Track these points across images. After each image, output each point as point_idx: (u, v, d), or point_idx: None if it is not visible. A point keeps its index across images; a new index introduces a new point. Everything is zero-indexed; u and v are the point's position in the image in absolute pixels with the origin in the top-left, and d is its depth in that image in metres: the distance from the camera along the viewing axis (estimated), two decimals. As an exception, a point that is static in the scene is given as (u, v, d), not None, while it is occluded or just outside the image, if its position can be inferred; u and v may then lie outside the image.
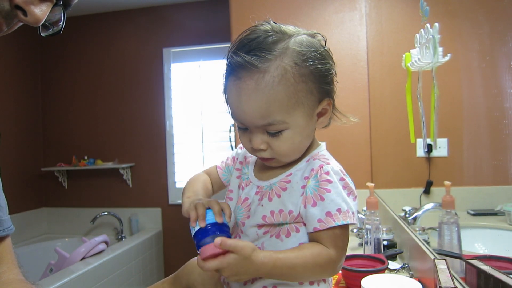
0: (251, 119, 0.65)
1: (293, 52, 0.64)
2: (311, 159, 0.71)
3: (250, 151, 0.72)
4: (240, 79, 0.64)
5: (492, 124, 1.17)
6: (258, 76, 0.62)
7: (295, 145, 0.68)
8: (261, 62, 0.62)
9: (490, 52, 1.16)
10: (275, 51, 0.63)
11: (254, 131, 0.67)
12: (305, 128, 0.68)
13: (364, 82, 2.03)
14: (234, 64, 0.64)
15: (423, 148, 1.32)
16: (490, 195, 1.18)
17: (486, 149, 1.21)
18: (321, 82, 0.67)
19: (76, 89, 3.59)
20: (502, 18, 1.08)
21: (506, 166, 1.09)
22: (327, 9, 2.12)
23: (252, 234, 0.71)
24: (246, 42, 0.65)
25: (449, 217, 0.99)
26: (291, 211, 0.67)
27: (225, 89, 0.69)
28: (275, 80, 0.62)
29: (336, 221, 0.63)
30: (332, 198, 0.64)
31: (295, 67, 0.63)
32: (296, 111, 0.65)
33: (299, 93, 0.64)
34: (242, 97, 0.64)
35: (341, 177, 0.67)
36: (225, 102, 0.70)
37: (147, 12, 3.44)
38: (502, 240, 1.12)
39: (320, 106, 0.69)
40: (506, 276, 0.68)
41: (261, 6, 2.11)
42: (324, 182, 0.66)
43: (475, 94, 1.26)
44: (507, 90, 1.06)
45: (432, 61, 1.11)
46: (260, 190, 0.73)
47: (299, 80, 0.64)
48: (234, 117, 0.69)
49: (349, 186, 0.68)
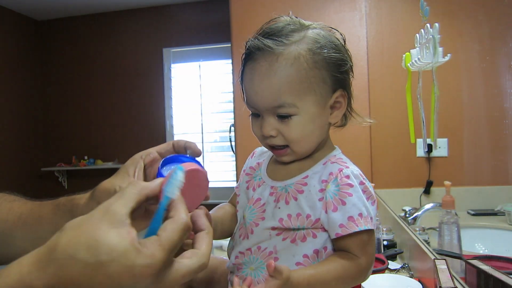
0: (262, 100, 0.66)
1: (309, 39, 0.66)
2: (329, 162, 0.69)
3: (261, 140, 0.70)
4: (255, 61, 0.66)
5: (492, 124, 1.17)
6: (272, 58, 0.64)
7: (306, 133, 0.67)
8: (276, 45, 0.64)
9: (490, 52, 1.16)
10: (292, 37, 0.66)
11: (265, 116, 0.67)
12: (316, 117, 0.67)
13: (364, 82, 2.03)
14: (251, 47, 0.66)
15: (423, 148, 1.32)
16: (490, 195, 1.18)
17: (486, 149, 1.21)
18: (334, 71, 0.68)
19: (76, 89, 3.59)
20: (502, 18, 1.08)
21: (506, 166, 1.10)
22: (327, 9, 2.12)
23: (264, 235, 0.69)
24: (266, 29, 0.68)
25: (449, 217, 0.99)
26: (309, 215, 0.66)
27: (241, 75, 0.70)
28: (288, 62, 0.64)
29: (359, 226, 0.62)
30: (354, 202, 0.63)
31: (309, 53, 0.65)
32: (307, 96, 0.66)
33: (311, 79, 0.65)
34: (255, 78, 0.66)
35: (361, 181, 0.65)
36: (241, 89, 0.71)
37: (147, 12, 3.44)
38: (502, 240, 1.12)
39: (333, 97, 0.69)
40: (506, 276, 0.68)
41: (261, 6, 2.11)
42: (345, 186, 0.64)
43: (475, 94, 1.26)
44: (507, 90, 1.07)
45: (432, 61, 1.11)
46: (275, 191, 0.71)
47: (312, 66, 0.65)
48: (248, 101, 0.69)
49: (369, 190, 0.66)
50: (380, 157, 1.96)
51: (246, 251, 0.70)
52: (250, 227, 0.71)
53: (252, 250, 0.69)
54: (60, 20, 3.60)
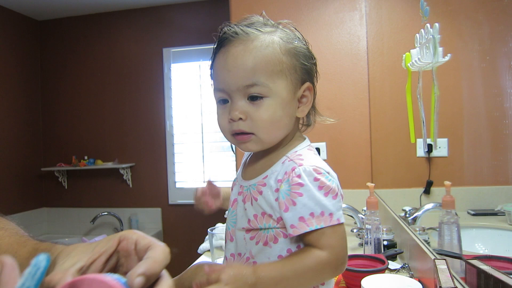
0: (235, 78, 0.66)
1: (281, 32, 0.70)
2: (286, 160, 0.68)
3: (227, 128, 0.69)
4: (230, 45, 0.68)
5: (492, 124, 1.17)
6: (247, 41, 0.67)
7: (275, 118, 0.67)
8: (252, 31, 0.68)
9: (490, 52, 1.16)
10: (266, 28, 0.69)
11: (235, 98, 0.67)
12: (286, 104, 0.68)
13: (364, 82, 2.03)
14: (228, 32, 0.68)
15: (423, 148, 1.32)
16: (490, 195, 1.18)
17: (486, 149, 1.21)
18: (304, 61, 0.70)
19: (76, 89, 3.59)
20: (502, 18, 1.08)
21: (506, 166, 1.09)
22: (327, 9, 2.12)
23: (240, 239, 0.70)
24: (240, 21, 0.71)
25: (449, 217, 0.99)
26: (270, 214, 0.66)
27: (212, 62, 0.72)
28: (263, 44, 0.67)
29: (309, 226, 0.61)
30: (304, 203, 0.62)
31: (282, 42, 0.68)
32: (279, 79, 0.67)
33: (283, 64, 0.67)
34: (229, 58, 0.67)
35: (315, 177, 0.63)
36: (210, 77, 0.73)
37: (147, 12, 3.44)
38: (502, 240, 1.11)
39: (302, 88, 0.70)
40: (506, 276, 0.68)
41: (261, 6, 2.11)
42: (295, 186, 0.63)
43: (475, 94, 1.26)
44: (507, 90, 1.06)
45: (432, 61, 1.11)
46: (242, 190, 0.72)
47: (285, 52, 0.68)
48: (218, 85, 0.69)
49: (326, 185, 0.64)
50: (380, 157, 1.96)
51: (230, 256, 0.72)
52: (229, 232, 0.73)
53: (235, 256, 0.70)
54: (60, 20, 3.61)
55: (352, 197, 1.75)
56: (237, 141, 0.69)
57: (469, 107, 1.29)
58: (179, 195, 3.40)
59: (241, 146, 0.69)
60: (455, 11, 1.28)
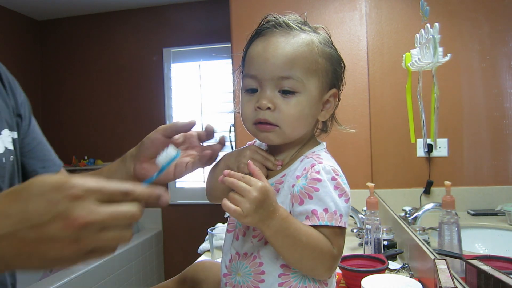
0: (272, 67, 0.66)
1: (319, 35, 0.71)
2: (305, 158, 0.69)
3: (252, 117, 0.68)
4: (271, 35, 0.68)
5: (492, 124, 1.17)
6: (289, 35, 0.68)
7: (303, 116, 0.67)
8: (295, 27, 0.69)
9: (490, 52, 1.16)
10: (306, 27, 0.71)
11: (266, 88, 0.66)
12: (314, 103, 0.68)
13: (364, 82, 2.03)
14: (272, 21, 0.69)
15: (423, 148, 1.32)
16: (490, 195, 1.18)
17: (486, 149, 1.21)
18: (336, 66, 0.71)
19: (76, 89, 3.59)
20: (502, 18, 1.08)
21: (506, 166, 1.10)
22: (327, 9, 2.12)
23: (248, 238, 0.70)
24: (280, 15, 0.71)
25: (449, 217, 0.99)
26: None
27: (246, 50, 0.71)
28: (304, 42, 0.68)
29: (320, 221, 0.61)
30: (320, 197, 0.63)
31: (320, 44, 0.69)
32: (313, 78, 0.67)
33: (319, 65, 0.68)
34: (269, 46, 0.67)
35: (333, 177, 0.65)
36: (241, 66, 0.72)
37: (147, 12, 3.44)
38: (502, 240, 1.12)
39: (328, 94, 0.71)
40: (506, 276, 0.68)
41: (261, 6, 2.11)
42: (313, 180, 0.64)
43: (475, 94, 1.26)
44: (507, 90, 1.07)
45: (432, 61, 1.11)
46: None
47: (321, 54, 0.69)
48: (250, 71, 0.68)
49: (342, 186, 0.65)
50: (380, 157, 1.96)
51: (235, 255, 0.71)
52: (237, 231, 0.72)
53: (240, 255, 0.70)
54: (60, 20, 3.60)
55: (352, 197, 1.73)
56: (259, 130, 0.68)
57: (469, 107, 1.29)
58: (179, 195, 3.40)
59: (261, 135, 0.68)
60: (455, 11, 1.28)
